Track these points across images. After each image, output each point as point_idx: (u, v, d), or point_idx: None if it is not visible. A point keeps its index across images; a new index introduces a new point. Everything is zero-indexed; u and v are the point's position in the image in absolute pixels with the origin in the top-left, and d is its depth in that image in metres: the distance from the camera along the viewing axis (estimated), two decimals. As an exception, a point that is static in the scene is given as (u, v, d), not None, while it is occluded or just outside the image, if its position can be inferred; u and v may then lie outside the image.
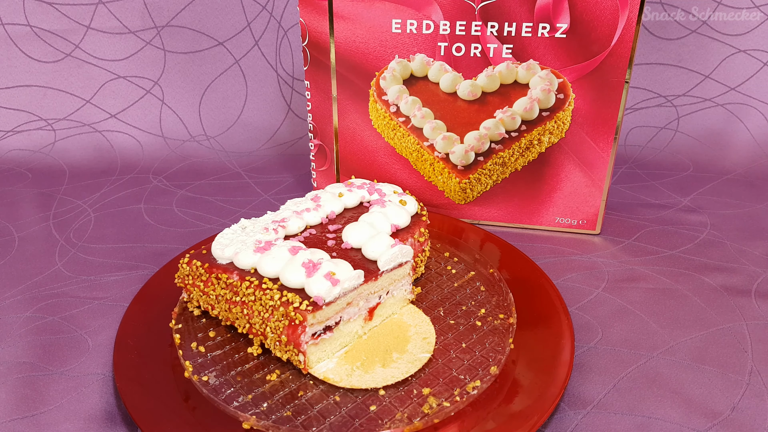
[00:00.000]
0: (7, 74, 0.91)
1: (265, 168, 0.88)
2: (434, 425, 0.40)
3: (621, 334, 0.51)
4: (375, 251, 0.49)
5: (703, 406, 0.44)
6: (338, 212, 0.56)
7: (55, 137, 0.92)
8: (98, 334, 0.52)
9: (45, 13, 0.89)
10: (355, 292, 0.46)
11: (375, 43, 0.64)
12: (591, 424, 0.43)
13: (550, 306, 0.51)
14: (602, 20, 0.58)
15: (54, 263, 0.63)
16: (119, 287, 0.59)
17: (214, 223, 0.72)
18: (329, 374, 0.44)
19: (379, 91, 0.67)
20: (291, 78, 0.96)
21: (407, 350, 0.47)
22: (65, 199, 0.78)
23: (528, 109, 0.64)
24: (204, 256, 0.50)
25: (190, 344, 0.48)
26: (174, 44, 0.92)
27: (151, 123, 0.94)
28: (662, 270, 0.60)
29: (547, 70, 0.62)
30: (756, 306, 0.55)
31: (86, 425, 0.43)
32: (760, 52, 0.89)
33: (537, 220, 0.69)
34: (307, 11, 0.65)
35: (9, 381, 0.47)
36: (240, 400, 0.42)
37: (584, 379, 0.47)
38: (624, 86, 0.61)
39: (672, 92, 0.93)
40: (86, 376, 0.47)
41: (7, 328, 0.53)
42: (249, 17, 0.92)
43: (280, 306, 0.43)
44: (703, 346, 0.50)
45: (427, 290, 0.55)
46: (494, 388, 0.43)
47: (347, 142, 0.71)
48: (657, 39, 0.90)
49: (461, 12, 0.61)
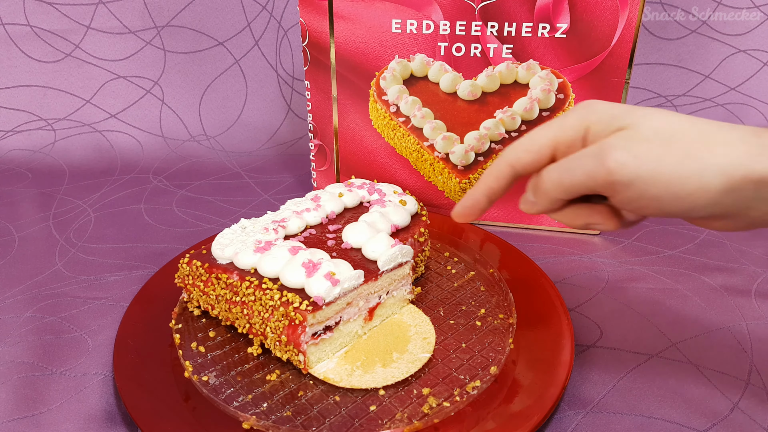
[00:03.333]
0: (7, 74, 0.91)
1: (265, 168, 0.88)
2: (434, 425, 0.40)
3: (621, 334, 0.51)
4: (375, 251, 0.49)
5: (703, 406, 0.44)
6: (338, 212, 0.56)
7: (55, 137, 0.92)
8: (98, 334, 0.52)
9: (45, 13, 0.89)
10: (355, 292, 0.46)
11: (375, 43, 0.64)
12: (591, 424, 0.43)
13: (550, 306, 0.51)
14: (602, 20, 0.58)
15: (54, 263, 0.63)
16: (119, 287, 0.59)
17: (214, 223, 0.72)
18: (329, 374, 0.44)
19: (379, 91, 0.67)
20: (291, 78, 0.96)
21: (407, 350, 0.47)
22: (65, 199, 0.78)
23: (528, 109, 0.64)
24: (204, 256, 0.50)
25: (190, 344, 0.48)
26: (174, 44, 0.92)
27: (151, 123, 0.94)
28: (662, 270, 0.60)
29: (547, 70, 0.62)
30: (756, 306, 0.55)
31: (86, 425, 0.43)
32: (760, 52, 0.89)
33: (537, 220, 0.69)
34: (307, 11, 0.65)
35: (9, 381, 0.47)
36: (240, 400, 0.42)
37: (584, 379, 0.46)
38: (624, 86, 0.61)
39: (672, 92, 0.93)
40: (86, 376, 0.47)
41: (7, 328, 0.53)
42: (249, 17, 0.92)
43: (280, 306, 0.43)
44: (703, 346, 0.50)
45: (427, 290, 0.55)
46: (494, 388, 0.43)
47: (347, 142, 0.71)
48: (657, 39, 0.90)
49: (461, 12, 0.61)
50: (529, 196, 0.37)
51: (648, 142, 0.31)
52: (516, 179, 0.37)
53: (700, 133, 0.32)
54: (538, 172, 0.36)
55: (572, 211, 0.36)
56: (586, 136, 0.34)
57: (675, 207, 0.32)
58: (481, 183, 0.38)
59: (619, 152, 0.31)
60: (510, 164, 0.37)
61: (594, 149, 0.33)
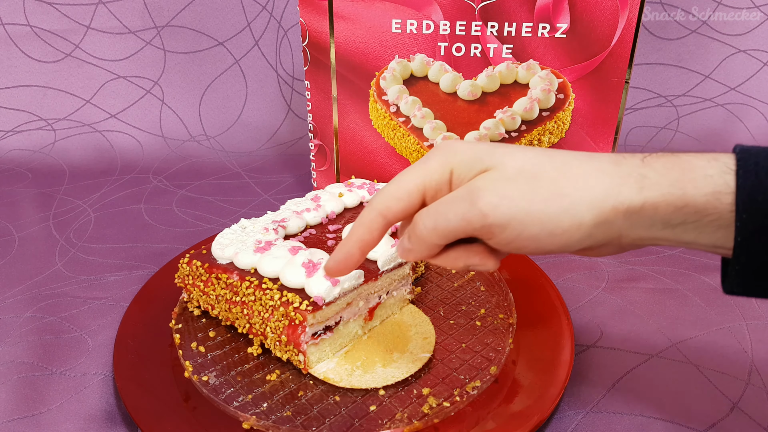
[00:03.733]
0: (7, 74, 0.91)
1: (265, 168, 0.88)
2: (434, 425, 0.40)
3: (621, 334, 0.51)
4: (375, 251, 0.49)
5: (703, 406, 0.44)
6: (338, 212, 0.56)
7: (55, 137, 0.92)
8: (98, 334, 0.52)
9: (45, 13, 0.89)
10: (355, 292, 0.46)
11: (375, 43, 0.64)
12: (591, 424, 0.43)
13: (550, 306, 0.51)
14: (602, 20, 0.58)
15: (54, 263, 0.63)
16: (119, 287, 0.59)
17: (214, 223, 0.72)
18: (329, 374, 0.44)
19: (379, 91, 0.67)
20: (291, 78, 0.96)
21: (407, 350, 0.47)
22: (65, 199, 0.78)
23: (528, 109, 0.64)
24: (204, 256, 0.50)
25: (190, 344, 0.48)
26: (174, 44, 0.92)
27: (151, 123, 0.94)
28: (662, 270, 0.60)
29: (547, 70, 0.62)
30: (756, 306, 0.55)
31: (86, 425, 0.43)
32: (760, 52, 0.89)
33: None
34: (307, 11, 0.65)
35: (9, 381, 0.47)
36: (240, 400, 0.42)
37: (584, 379, 0.46)
38: (624, 86, 0.61)
39: (672, 92, 0.93)
40: (86, 376, 0.47)
41: (7, 328, 0.53)
42: (249, 17, 0.92)
43: (280, 306, 0.43)
44: (703, 346, 0.50)
45: (427, 290, 0.55)
46: (494, 388, 0.43)
47: (347, 142, 0.71)
48: (657, 39, 0.90)
49: (461, 12, 0.61)
50: (406, 243, 0.36)
51: (514, 182, 0.32)
52: (387, 227, 0.36)
53: (561, 166, 0.32)
54: (409, 218, 0.36)
55: (450, 255, 0.36)
56: (450, 178, 0.34)
57: (551, 244, 0.32)
58: (352, 235, 0.36)
59: (488, 194, 0.32)
60: (381, 214, 0.35)
61: (463, 193, 0.33)
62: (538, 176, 0.32)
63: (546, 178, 0.32)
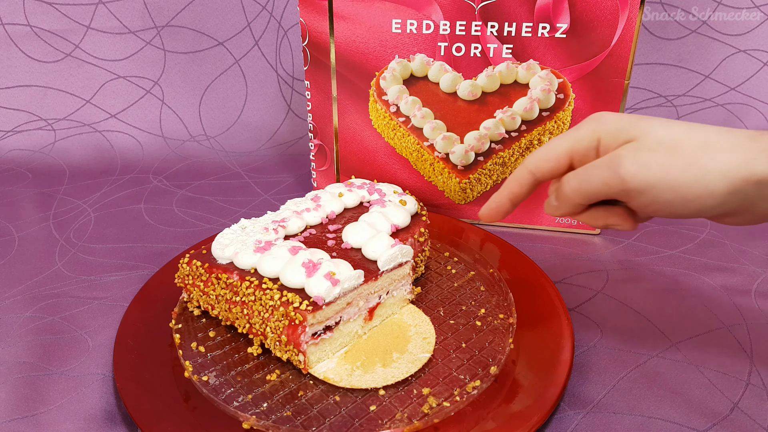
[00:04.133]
0: (7, 74, 0.91)
1: (265, 168, 0.88)
2: (434, 425, 0.40)
3: (621, 334, 0.51)
4: (375, 251, 0.49)
5: (703, 406, 0.44)
6: (338, 212, 0.56)
7: (55, 137, 0.92)
8: (98, 334, 0.52)
9: (45, 13, 0.89)
10: (355, 292, 0.46)
11: (375, 43, 0.64)
12: (591, 424, 0.43)
13: (550, 306, 0.51)
14: (602, 20, 0.58)
15: (54, 263, 0.63)
16: (119, 287, 0.59)
17: (214, 223, 0.72)
18: (329, 374, 0.44)
19: (379, 91, 0.67)
20: (291, 78, 0.96)
21: (407, 350, 0.47)
22: (65, 199, 0.78)
23: (528, 109, 0.64)
24: (204, 256, 0.50)
25: (190, 344, 0.48)
26: (174, 44, 0.92)
27: (151, 123, 0.94)
28: (662, 270, 0.60)
29: (547, 70, 0.62)
30: (756, 306, 0.55)
31: (86, 425, 0.43)
32: (760, 52, 0.89)
33: (537, 220, 0.69)
34: (307, 11, 0.65)
35: (9, 381, 0.47)
36: (240, 400, 0.42)
37: (584, 379, 0.46)
38: (624, 86, 0.61)
39: (672, 92, 0.93)
40: (86, 376, 0.47)
41: (7, 328, 0.53)
42: (249, 17, 0.92)
43: (280, 306, 0.43)
44: (703, 346, 0.50)
45: (427, 290, 0.55)
46: (494, 388, 0.43)
47: (347, 142, 0.71)
48: (657, 39, 0.90)
49: (461, 12, 0.61)
50: (552, 201, 0.41)
51: (654, 152, 0.35)
52: (536, 185, 0.42)
53: (701, 141, 0.35)
54: (557, 178, 0.41)
55: (592, 214, 0.41)
56: (598, 146, 0.38)
57: (686, 209, 0.35)
58: (505, 188, 0.43)
59: (629, 163, 0.35)
60: (531, 172, 0.41)
61: (606, 160, 0.37)
62: (677, 149, 0.35)
63: (684, 150, 0.35)
